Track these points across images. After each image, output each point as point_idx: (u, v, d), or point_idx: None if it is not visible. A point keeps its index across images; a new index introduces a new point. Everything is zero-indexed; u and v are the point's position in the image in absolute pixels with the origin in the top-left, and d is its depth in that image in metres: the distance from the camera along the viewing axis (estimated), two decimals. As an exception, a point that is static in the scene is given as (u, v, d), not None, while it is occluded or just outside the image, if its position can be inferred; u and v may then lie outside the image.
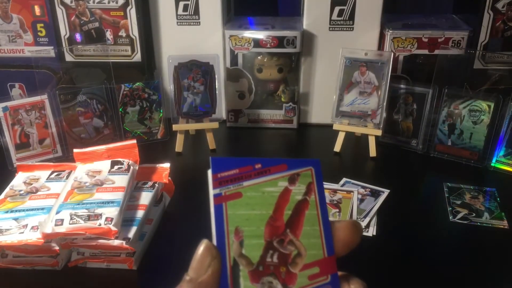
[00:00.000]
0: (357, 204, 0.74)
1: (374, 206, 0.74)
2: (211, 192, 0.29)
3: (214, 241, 0.28)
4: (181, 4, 0.94)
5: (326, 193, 0.77)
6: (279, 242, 0.29)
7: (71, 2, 0.92)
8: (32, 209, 0.65)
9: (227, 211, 0.29)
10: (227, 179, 0.29)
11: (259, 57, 0.96)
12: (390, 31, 0.92)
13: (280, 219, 0.29)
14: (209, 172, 0.29)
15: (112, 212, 0.61)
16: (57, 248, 0.61)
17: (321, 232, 0.29)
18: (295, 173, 0.30)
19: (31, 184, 0.70)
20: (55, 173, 0.73)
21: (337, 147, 0.91)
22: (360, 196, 0.77)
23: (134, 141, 0.75)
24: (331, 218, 0.70)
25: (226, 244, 0.28)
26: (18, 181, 0.72)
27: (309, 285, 0.28)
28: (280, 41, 0.93)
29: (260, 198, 0.29)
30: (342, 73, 0.89)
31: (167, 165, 0.75)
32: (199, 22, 0.95)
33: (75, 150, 0.74)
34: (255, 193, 0.29)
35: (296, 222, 0.29)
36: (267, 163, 0.30)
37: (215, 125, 0.91)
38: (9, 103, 0.85)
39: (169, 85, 0.92)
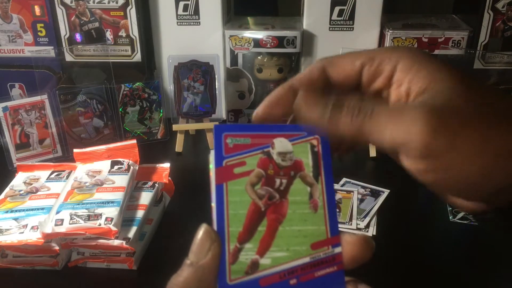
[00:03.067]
0: (357, 204, 0.74)
1: (374, 206, 0.74)
2: (212, 166, 0.29)
3: (214, 226, 0.28)
4: (181, 4, 0.94)
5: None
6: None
7: (71, 2, 0.92)
8: (32, 209, 0.65)
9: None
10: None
11: (259, 57, 0.96)
12: (390, 31, 0.92)
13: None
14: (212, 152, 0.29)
15: (112, 212, 0.61)
16: (57, 248, 0.61)
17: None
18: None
19: (31, 184, 0.70)
20: (55, 173, 0.73)
21: (337, 147, 0.91)
22: (360, 196, 0.76)
23: (134, 141, 0.75)
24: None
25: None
26: (18, 181, 0.72)
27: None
28: (280, 41, 0.93)
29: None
30: (342, 73, 0.89)
31: (167, 165, 0.75)
32: (199, 22, 0.95)
33: (75, 150, 0.74)
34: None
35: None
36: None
37: (215, 125, 0.90)
38: (9, 103, 0.85)
39: (169, 85, 0.92)
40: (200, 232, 0.28)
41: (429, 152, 0.25)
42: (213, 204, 0.28)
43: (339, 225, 0.29)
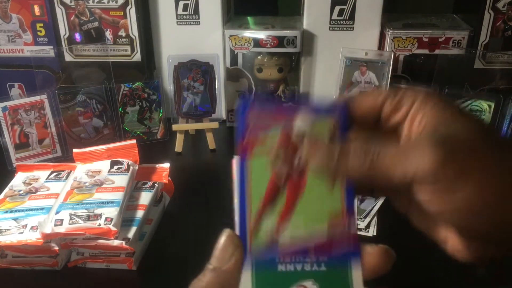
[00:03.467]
0: (357, 204, 0.74)
1: (374, 206, 0.74)
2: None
3: (236, 204, 0.28)
4: (181, 4, 0.94)
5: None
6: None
7: (71, 2, 0.92)
8: (31, 209, 0.65)
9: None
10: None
11: (259, 57, 0.96)
12: (390, 31, 0.92)
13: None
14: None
15: (111, 212, 0.61)
16: (56, 248, 0.61)
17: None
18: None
19: (31, 184, 0.70)
20: (55, 173, 0.72)
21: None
22: (360, 196, 0.76)
23: (134, 141, 0.75)
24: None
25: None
26: (18, 181, 0.71)
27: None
28: (280, 41, 0.93)
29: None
30: (342, 73, 0.89)
31: (167, 165, 0.75)
32: (199, 22, 0.95)
33: (74, 150, 0.74)
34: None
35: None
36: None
37: (215, 125, 0.90)
38: (8, 103, 0.84)
39: (169, 85, 0.91)
40: (223, 237, 0.28)
41: (438, 180, 0.26)
42: (235, 184, 0.29)
43: None
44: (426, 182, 0.26)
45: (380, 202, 0.75)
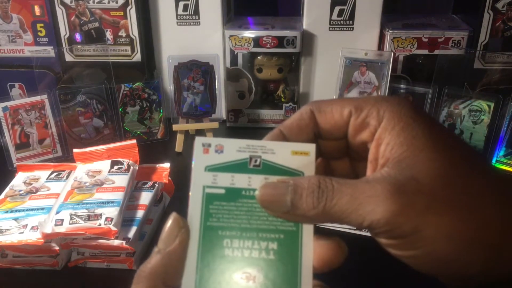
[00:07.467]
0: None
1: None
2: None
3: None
4: (181, 4, 0.94)
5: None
6: None
7: (71, 2, 0.92)
8: (32, 209, 0.65)
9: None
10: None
11: (259, 57, 0.96)
12: (390, 31, 0.92)
13: None
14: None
15: (112, 212, 0.61)
16: (57, 248, 0.61)
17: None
18: None
19: (31, 184, 0.70)
20: (55, 173, 0.73)
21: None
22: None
23: (134, 141, 0.75)
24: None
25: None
26: (18, 181, 0.72)
27: None
28: (280, 41, 0.93)
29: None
30: (342, 73, 0.89)
31: (167, 165, 0.75)
32: (199, 22, 0.95)
33: (75, 150, 0.74)
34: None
35: None
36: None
37: (215, 125, 0.90)
38: (9, 103, 0.85)
39: (169, 85, 0.92)
40: (169, 221, 0.28)
41: (392, 230, 0.25)
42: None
43: (340, 226, 0.29)
44: (381, 232, 0.26)
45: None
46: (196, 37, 0.96)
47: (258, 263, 0.27)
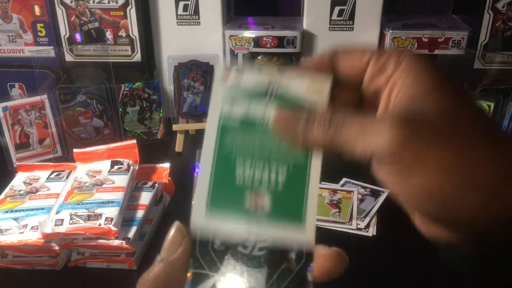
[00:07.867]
0: (357, 204, 0.74)
1: (374, 206, 0.74)
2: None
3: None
4: (181, 4, 0.94)
5: (326, 193, 0.77)
6: None
7: (71, 2, 0.92)
8: (32, 209, 0.65)
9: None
10: None
11: (259, 57, 0.96)
12: (390, 31, 0.92)
13: None
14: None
15: (112, 212, 0.61)
16: (57, 248, 0.61)
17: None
18: None
19: (31, 184, 0.70)
20: (55, 173, 0.73)
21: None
22: (360, 196, 0.76)
23: (134, 141, 0.75)
24: (330, 218, 0.71)
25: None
26: (18, 181, 0.72)
27: None
28: (280, 41, 0.93)
29: None
30: (342, 73, 0.89)
31: (167, 165, 0.75)
32: (199, 22, 0.95)
33: (75, 150, 0.74)
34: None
35: None
36: None
37: (215, 125, 0.90)
38: (9, 103, 0.85)
39: (169, 85, 0.92)
40: (172, 230, 0.28)
41: (396, 161, 0.25)
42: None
43: (340, 226, 0.29)
44: (384, 162, 0.26)
45: (380, 202, 0.75)
46: (196, 37, 0.96)
47: (266, 192, 0.28)
